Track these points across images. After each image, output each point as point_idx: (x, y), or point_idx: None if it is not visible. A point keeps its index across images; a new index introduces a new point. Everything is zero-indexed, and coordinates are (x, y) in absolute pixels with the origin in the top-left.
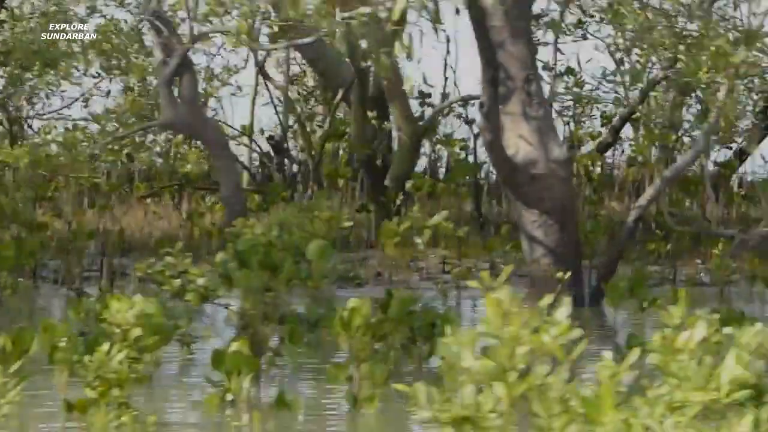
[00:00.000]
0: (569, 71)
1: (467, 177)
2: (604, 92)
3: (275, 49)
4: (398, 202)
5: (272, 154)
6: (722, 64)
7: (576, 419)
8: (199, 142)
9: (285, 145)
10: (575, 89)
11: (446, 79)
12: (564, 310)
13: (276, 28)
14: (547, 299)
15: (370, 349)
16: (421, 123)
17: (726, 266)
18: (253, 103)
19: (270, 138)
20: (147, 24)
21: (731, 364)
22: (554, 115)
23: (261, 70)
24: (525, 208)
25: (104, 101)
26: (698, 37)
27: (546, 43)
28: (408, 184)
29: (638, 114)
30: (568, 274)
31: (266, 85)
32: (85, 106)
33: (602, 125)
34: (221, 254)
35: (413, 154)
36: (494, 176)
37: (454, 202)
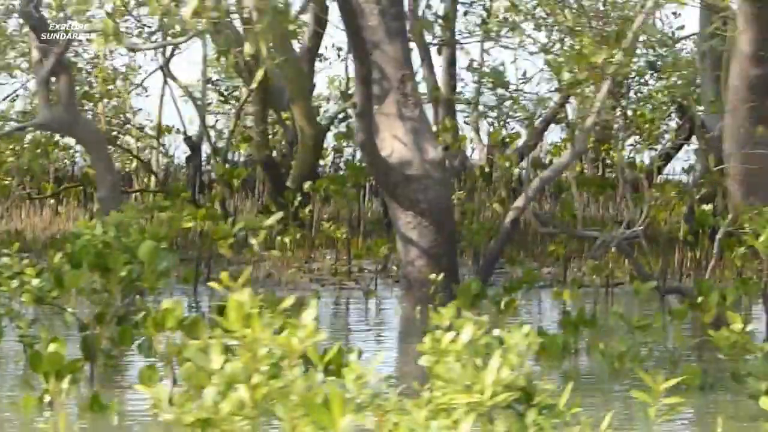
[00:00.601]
0: (494, 72)
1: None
2: (528, 93)
3: (146, 49)
4: (296, 203)
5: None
6: (583, 65)
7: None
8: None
9: (201, 145)
10: (499, 90)
11: (348, 80)
12: (311, 312)
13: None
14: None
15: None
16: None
17: (601, 268)
18: (161, 104)
19: (187, 138)
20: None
21: (496, 366)
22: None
23: (163, 69)
24: (400, 210)
25: None
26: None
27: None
28: (306, 185)
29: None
30: (441, 275)
31: (166, 84)
32: None
33: (525, 127)
34: (58, 255)
35: (314, 155)
36: None
37: (354, 204)
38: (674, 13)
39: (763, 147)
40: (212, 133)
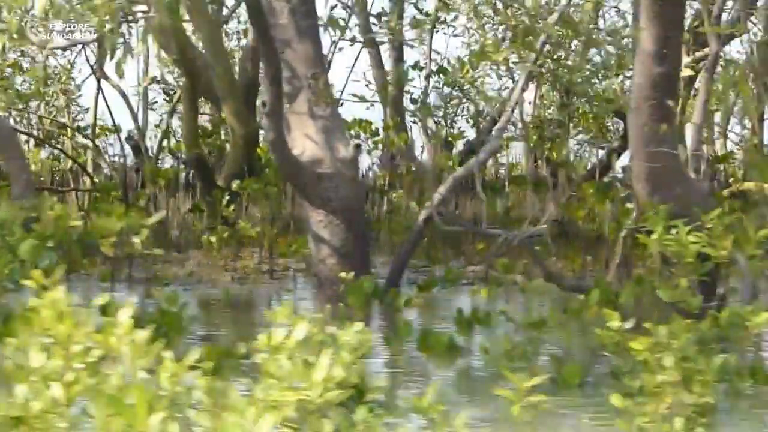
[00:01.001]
0: (441, 70)
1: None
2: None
3: (56, 48)
4: (224, 202)
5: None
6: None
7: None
8: None
9: (143, 146)
10: (447, 88)
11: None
12: (126, 311)
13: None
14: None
15: None
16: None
17: (512, 266)
18: (96, 104)
19: (128, 138)
20: None
21: (326, 363)
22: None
23: (93, 68)
24: (311, 208)
25: None
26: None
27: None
28: (234, 184)
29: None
30: (352, 274)
31: (99, 84)
32: None
33: (472, 126)
34: None
35: (246, 154)
36: None
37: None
38: (616, 8)
39: (667, 145)
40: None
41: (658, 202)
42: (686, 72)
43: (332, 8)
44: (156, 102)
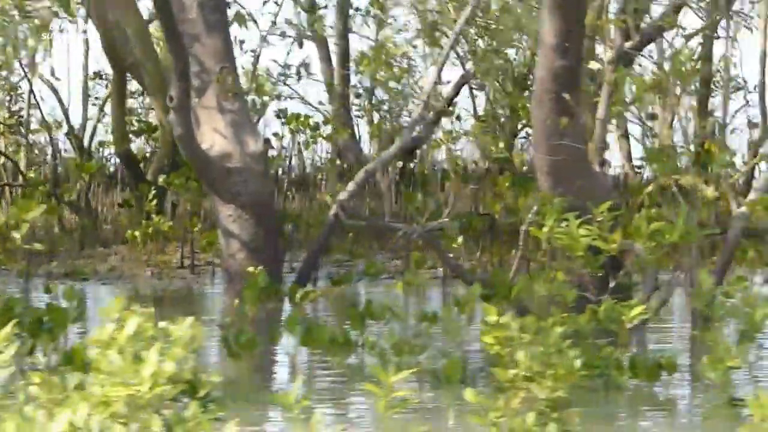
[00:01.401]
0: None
1: None
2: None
3: None
4: (150, 196)
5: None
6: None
7: None
8: None
9: (76, 141)
10: (391, 83)
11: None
12: None
13: None
14: None
15: None
16: None
17: (423, 260)
18: (30, 97)
19: (68, 134)
20: None
21: (155, 358)
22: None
23: (20, 63)
24: (221, 202)
25: None
26: None
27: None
28: (160, 179)
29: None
30: (260, 268)
31: (27, 77)
32: None
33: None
34: None
35: (174, 149)
36: None
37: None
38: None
39: (569, 139)
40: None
41: (560, 195)
42: (593, 65)
43: (264, 3)
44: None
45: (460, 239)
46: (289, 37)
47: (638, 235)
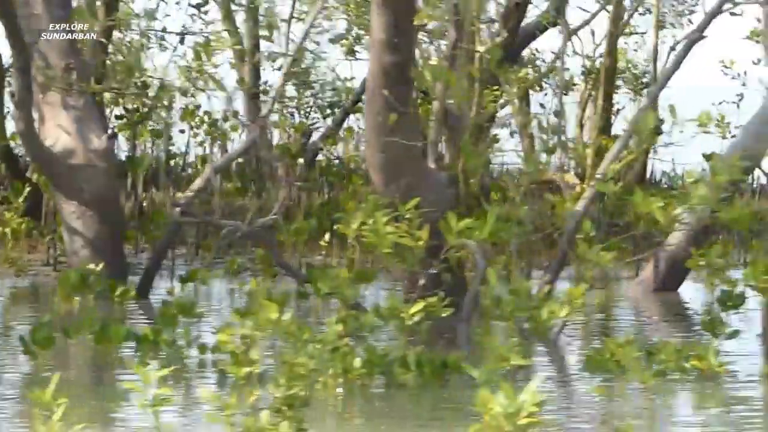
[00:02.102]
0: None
1: None
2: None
3: None
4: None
5: None
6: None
7: None
8: None
9: None
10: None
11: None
12: None
13: None
14: None
15: None
16: None
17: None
18: None
19: None
20: None
21: None
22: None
23: None
24: (64, 199)
25: None
26: None
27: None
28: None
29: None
30: (101, 265)
31: None
32: None
33: (324, 117)
34: None
35: None
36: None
37: None
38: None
39: (399, 135)
40: None
41: (392, 193)
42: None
43: None
44: None
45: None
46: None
47: (448, 231)
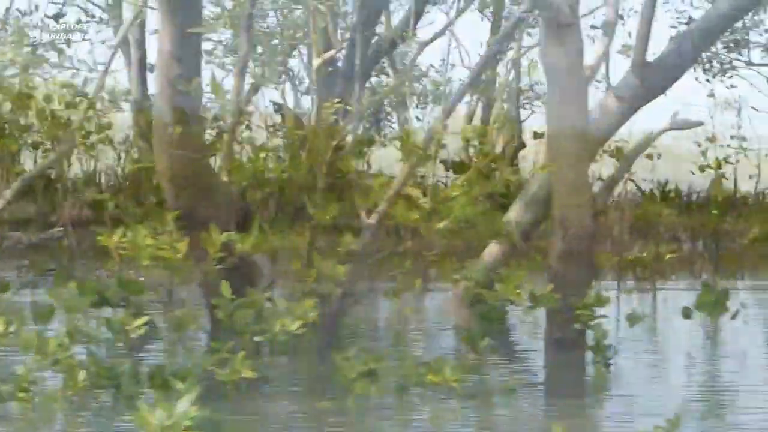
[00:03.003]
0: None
1: None
2: None
3: None
4: None
5: None
6: None
7: None
8: None
9: None
10: None
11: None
12: None
13: None
14: None
15: None
16: None
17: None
18: None
19: None
20: None
21: None
22: None
23: None
24: None
25: None
26: None
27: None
28: None
29: None
30: None
31: None
32: None
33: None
34: None
35: None
36: None
37: None
38: None
39: (187, 148)
40: None
41: (181, 205)
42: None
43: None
44: None
45: None
46: None
47: (210, 243)
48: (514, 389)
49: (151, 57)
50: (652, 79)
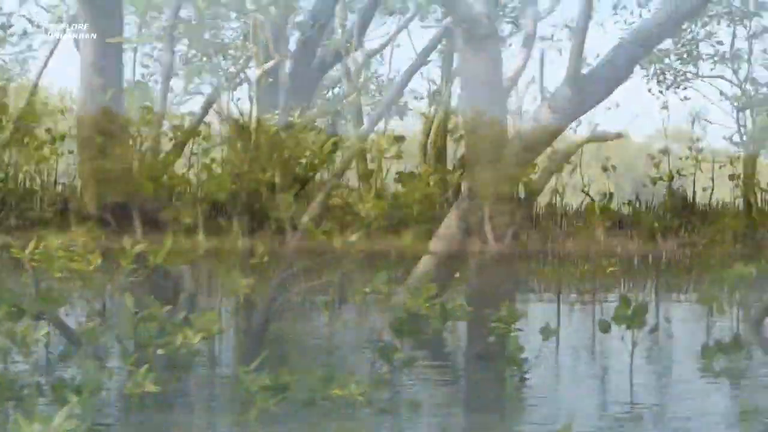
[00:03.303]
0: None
1: None
2: None
3: None
4: None
5: None
6: None
7: None
8: None
9: None
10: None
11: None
12: None
13: None
14: None
15: None
16: None
17: None
18: None
19: None
20: None
21: None
22: None
23: None
24: None
25: None
26: None
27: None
28: None
29: None
30: None
31: None
32: None
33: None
34: None
35: None
36: None
37: None
38: None
39: (110, 157)
40: None
41: (102, 213)
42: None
43: None
44: None
45: None
46: None
47: (122, 255)
48: (419, 404)
49: None
50: (586, 91)
